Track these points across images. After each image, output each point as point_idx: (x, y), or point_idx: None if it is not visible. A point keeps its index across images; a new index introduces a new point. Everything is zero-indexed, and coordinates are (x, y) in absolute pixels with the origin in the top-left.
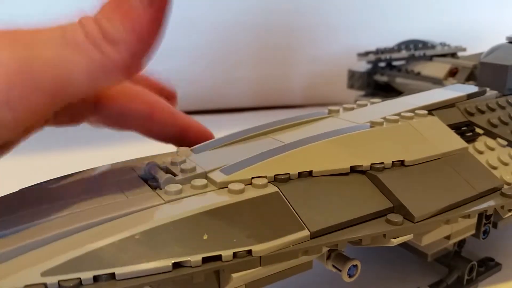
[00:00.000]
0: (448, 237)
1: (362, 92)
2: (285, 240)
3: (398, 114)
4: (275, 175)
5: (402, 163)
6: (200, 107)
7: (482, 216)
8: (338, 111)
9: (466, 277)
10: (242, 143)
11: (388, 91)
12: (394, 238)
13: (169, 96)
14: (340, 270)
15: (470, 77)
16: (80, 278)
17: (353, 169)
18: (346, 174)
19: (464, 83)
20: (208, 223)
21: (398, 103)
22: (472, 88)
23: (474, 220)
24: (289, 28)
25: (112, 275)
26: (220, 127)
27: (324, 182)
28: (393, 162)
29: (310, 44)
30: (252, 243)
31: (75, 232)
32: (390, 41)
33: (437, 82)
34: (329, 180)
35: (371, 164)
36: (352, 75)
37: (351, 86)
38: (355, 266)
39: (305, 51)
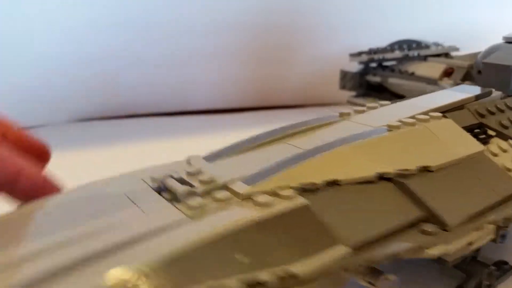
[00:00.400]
0: (470, 243)
1: (353, 93)
2: (325, 258)
3: (413, 117)
4: (300, 184)
5: (425, 168)
6: (199, 107)
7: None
8: (349, 114)
9: (484, 282)
10: (257, 150)
11: (381, 91)
12: (431, 249)
13: (40, 154)
14: (374, 285)
15: (466, 77)
16: None
17: (380, 176)
18: (372, 182)
19: (460, 83)
20: (242, 242)
21: (409, 106)
22: (477, 89)
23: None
24: (288, 28)
25: None
26: (218, 128)
27: (352, 192)
28: (418, 167)
29: (309, 44)
30: (291, 262)
31: (93, 259)
32: (389, 41)
33: (432, 83)
34: (357, 190)
35: (397, 170)
36: (344, 75)
37: (343, 86)
38: (390, 280)
39: (304, 51)
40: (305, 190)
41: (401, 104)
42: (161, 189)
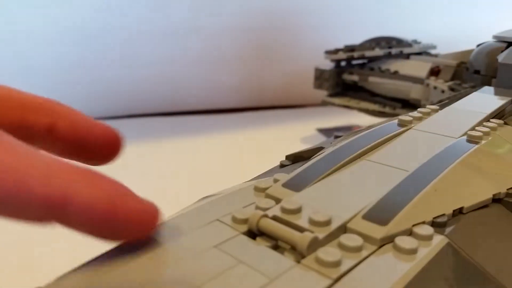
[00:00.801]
0: None
1: (326, 93)
2: None
3: (482, 125)
4: (432, 217)
5: None
6: (189, 108)
7: None
8: (411, 121)
9: None
10: (344, 172)
11: (358, 91)
12: None
13: (107, 146)
14: None
15: (454, 77)
16: None
17: (493, 199)
18: (486, 206)
19: (448, 81)
20: None
21: (463, 112)
22: (500, 91)
23: None
24: (266, 29)
25: None
26: (217, 127)
27: (476, 220)
28: None
29: (286, 44)
30: None
31: None
32: (361, 39)
33: (418, 82)
34: (477, 217)
35: (506, 190)
36: (320, 74)
37: (319, 86)
38: None
39: (281, 51)
40: (437, 224)
41: (453, 110)
42: (252, 232)
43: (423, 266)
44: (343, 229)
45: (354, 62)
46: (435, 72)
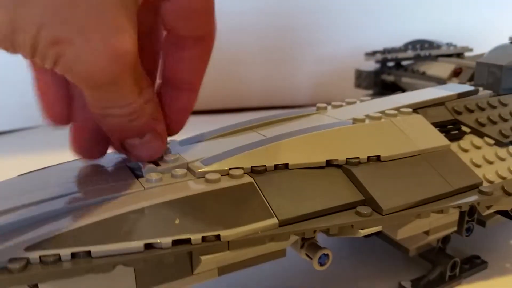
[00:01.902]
0: (427, 233)
1: (369, 92)
2: (253, 227)
3: (382, 112)
4: (252, 166)
5: (378, 158)
6: (210, 107)
7: (465, 213)
8: (326, 108)
9: (448, 273)
10: (227, 137)
11: (395, 90)
12: (362, 229)
13: None
14: (311, 258)
15: (473, 77)
16: (59, 254)
17: (329, 163)
18: (322, 167)
19: (465, 83)
20: (182, 209)
21: (386, 101)
22: (465, 88)
23: (455, 217)
24: (296, 28)
25: (88, 253)
26: (212, 128)
27: (299, 175)
28: (368, 157)
29: (317, 43)
30: (221, 228)
31: (59, 213)
32: (397, 41)
33: (441, 82)
34: (304, 173)
35: (346, 158)
36: (359, 74)
37: (358, 85)
38: (326, 255)
39: (312, 51)
40: (255, 171)
41: (379, 100)
42: (135, 167)
43: (214, 188)
44: (184, 165)
45: (402, 63)
46: (457, 73)
